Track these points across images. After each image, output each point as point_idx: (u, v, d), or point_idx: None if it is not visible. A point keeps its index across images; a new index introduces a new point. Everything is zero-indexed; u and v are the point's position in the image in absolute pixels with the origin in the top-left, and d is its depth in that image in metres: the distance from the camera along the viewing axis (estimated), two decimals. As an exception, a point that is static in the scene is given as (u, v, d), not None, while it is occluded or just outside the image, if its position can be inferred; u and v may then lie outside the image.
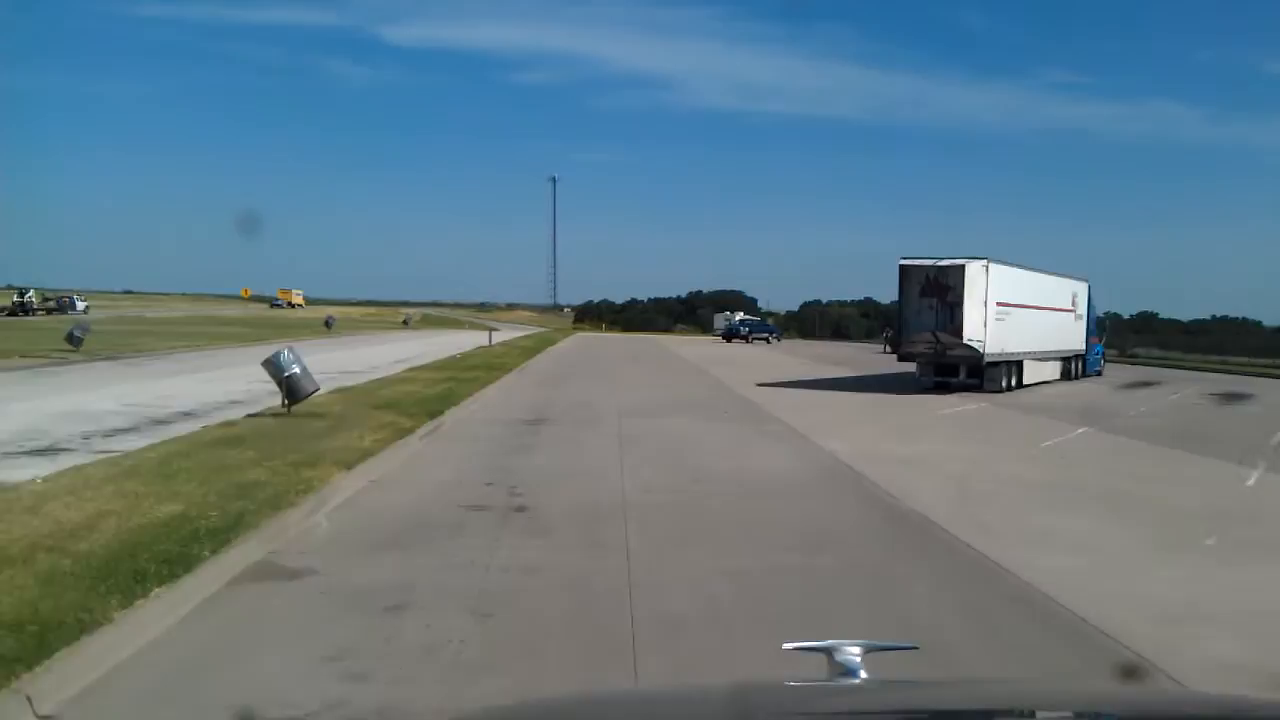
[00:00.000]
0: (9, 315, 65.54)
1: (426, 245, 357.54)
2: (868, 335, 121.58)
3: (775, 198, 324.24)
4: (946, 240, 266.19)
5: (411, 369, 26.61)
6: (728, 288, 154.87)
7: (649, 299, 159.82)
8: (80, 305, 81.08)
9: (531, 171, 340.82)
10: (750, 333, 71.79)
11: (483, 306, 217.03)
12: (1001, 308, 25.46)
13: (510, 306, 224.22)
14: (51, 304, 78.71)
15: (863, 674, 1.86)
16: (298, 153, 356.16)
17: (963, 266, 24.34)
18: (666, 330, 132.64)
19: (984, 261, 24.65)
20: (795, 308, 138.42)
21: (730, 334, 72.40)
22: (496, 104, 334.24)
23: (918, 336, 25.26)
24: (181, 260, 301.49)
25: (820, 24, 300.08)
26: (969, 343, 24.29)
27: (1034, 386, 28.14)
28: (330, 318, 57.66)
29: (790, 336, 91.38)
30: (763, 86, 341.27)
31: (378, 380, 22.25)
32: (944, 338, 24.71)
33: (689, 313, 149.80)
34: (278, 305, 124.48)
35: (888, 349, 60.95)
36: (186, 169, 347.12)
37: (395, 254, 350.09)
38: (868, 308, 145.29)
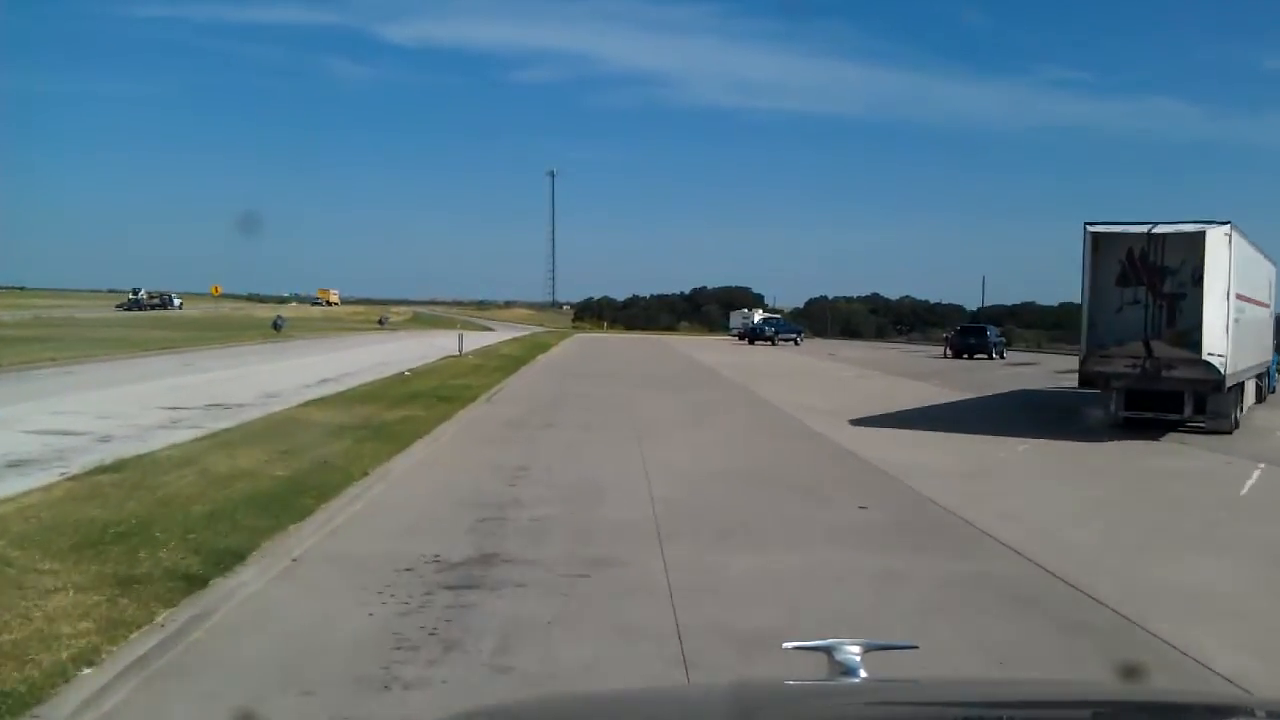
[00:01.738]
0: (126, 310, 79.72)
1: (426, 243, 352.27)
2: (878, 333, 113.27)
3: (776, 195, 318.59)
4: (950, 239, 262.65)
5: (317, 400, 17.32)
6: (731, 284, 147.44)
7: (652, 295, 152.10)
8: (176, 302, 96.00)
9: (531, 169, 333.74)
10: (776, 333, 62.35)
11: (482, 305, 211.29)
12: (1239, 302, 16.21)
13: (508, 304, 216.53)
14: (156, 300, 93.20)
15: (862, 673, 1.83)
16: (298, 152, 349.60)
17: (1201, 234, 14.93)
18: (670, 328, 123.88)
19: (1226, 228, 15.27)
20: (800, 304, 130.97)
21: (753, 335, 62.98)
22: (496, 102, 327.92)
23: (1118, 348, 15.84)
24: (181, 260, 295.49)
25: (819, 21, 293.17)
26: (1209, 358, 14.95)
27: (1246, 419, 18.86)
28: (279, 319, 48.32)
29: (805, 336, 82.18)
30: (761, 83, 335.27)
31: (229, 432, 12.91)
32: (1163, 349, 15.38)
33: (694, 310, 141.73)
34: (317, 304, 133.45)
35: (948, 353, 51.74)
36: (185, 169, 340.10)
37: (394, 252, 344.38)
38: (875, 304, 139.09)
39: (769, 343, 61.13)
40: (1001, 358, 48.36)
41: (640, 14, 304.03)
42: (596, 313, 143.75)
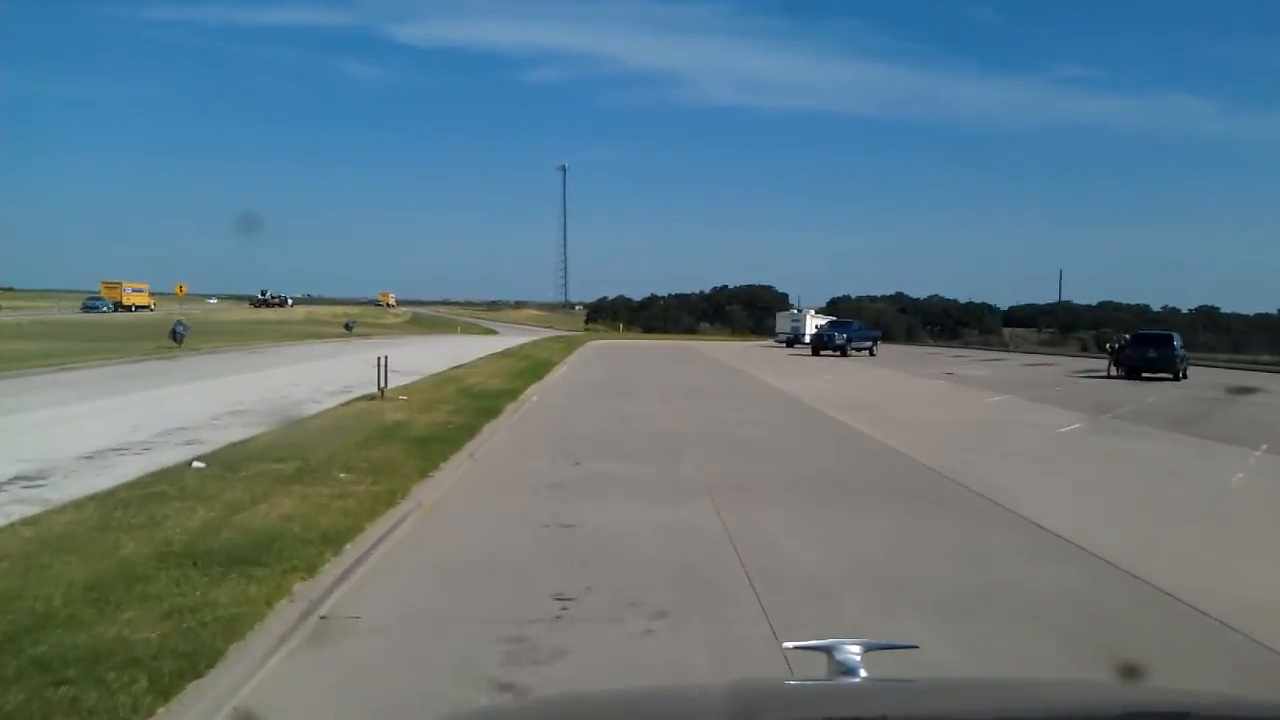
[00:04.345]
0: (255, 307, 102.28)
1: (438, 243, 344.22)
2: (909, 334, 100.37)
3: (789, 193, 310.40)
4: (957, 237, 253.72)
5: None
6: (750, 283, 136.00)
7: (670, 295, 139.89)
8: (290, 302, 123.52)
9: (543, 169, 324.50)
10: (849, 341, 48.21)
11: (494, 305, 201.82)
12: None
13: (518, 304, 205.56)
14: (277, 300, 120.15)
15: (863, 673, 1.83)
16: (309, 152, 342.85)
17: None
18: (691, 331, 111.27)
19: None
20: (822, 303, 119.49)
21: (819, 344, 48.92)
22: (507, 102, 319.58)
23: None
24: (188, 260, 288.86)
25: (829, 19, 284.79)
26: None
27: None
28: (180, 325, 34.80)
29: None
30: (772, 82, 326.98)
31: None
32: None
33: (715, 310, 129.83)
34: (377, 305, 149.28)
35: (1114, 370, 37.93)
36: (196, 171, 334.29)
37: (407, 252, 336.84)
38: (902, 303, 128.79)
39: (837, 354, 47.30)
40: (1185, 377, 34.50)
41: (650, 13, 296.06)
42: (611, 313, 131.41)
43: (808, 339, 64.63)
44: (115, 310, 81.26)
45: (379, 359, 16.65)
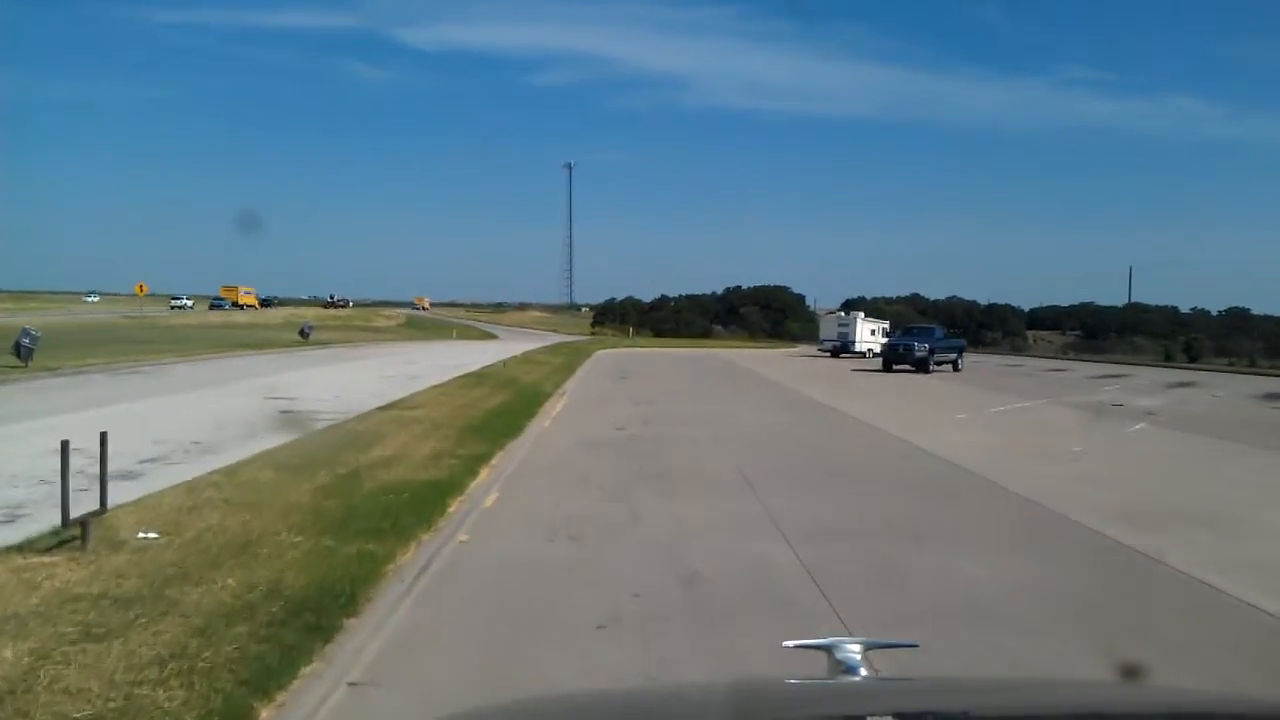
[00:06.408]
0: (325, 308, 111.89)
1: (445, 245, 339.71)
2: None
3: (795, 195, 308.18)
4: (972, 238, 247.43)
5: None
6: (762, 283, 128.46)
7: (681, 296, 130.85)
8: (349, 304, 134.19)
9: (549, 172, 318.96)
10: (932, 354, 37.51)
11: (499, 307, 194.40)
12: None
13: (522, 306, 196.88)
14: (341, 303, 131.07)
15: (863, 672, 1.78)
16: (316, 155, 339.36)
17: None
18: (705, 334, 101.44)
19: None
20: (836, 305, 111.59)
21: (892, 356, 38.32)
22: (514, 105, 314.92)
23: None
24: (198, 262, 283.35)
25: (835, 22, 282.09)
26: None
27: None
28: (25, 336, 24.16)
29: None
30: (779, 85, 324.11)
31: None
32: None
33: (729, 312, 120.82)
34: (414, 308, 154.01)
35: None
36: (205, 173, 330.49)
37: (415, 254, 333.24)
38: (920, 304, 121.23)
39: (918, 369, 36.84)
40: None
41: (656, 16, 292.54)
42: (619, 316, 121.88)
43: (858, 347, 54.42)
44: (232, 308, 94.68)
45: (63, 443, 6.35)
